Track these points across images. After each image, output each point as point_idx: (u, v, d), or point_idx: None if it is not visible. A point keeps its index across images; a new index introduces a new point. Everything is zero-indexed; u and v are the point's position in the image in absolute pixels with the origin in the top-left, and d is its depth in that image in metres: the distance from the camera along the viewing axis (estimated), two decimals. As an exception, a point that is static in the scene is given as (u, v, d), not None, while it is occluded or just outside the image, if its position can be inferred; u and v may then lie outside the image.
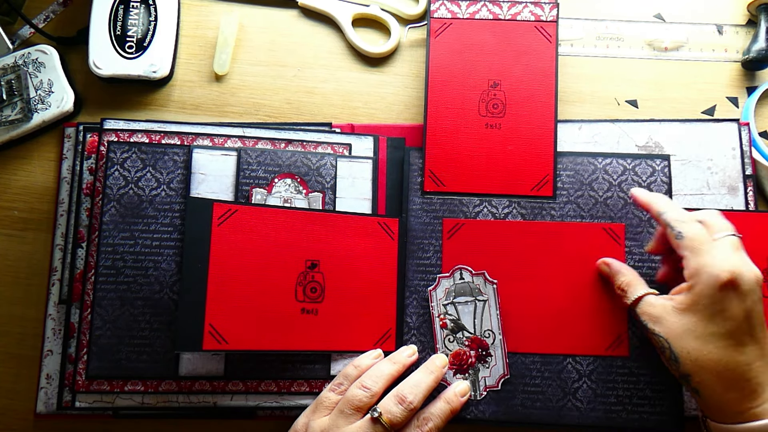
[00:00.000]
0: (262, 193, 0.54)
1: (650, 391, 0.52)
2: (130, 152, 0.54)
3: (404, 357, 0.51)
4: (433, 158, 0.55)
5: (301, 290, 0.51)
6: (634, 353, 0.52)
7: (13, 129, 0.58)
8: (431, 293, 0.54)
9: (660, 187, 0.55)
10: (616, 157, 0.56)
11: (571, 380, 0.52)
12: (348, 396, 0.48)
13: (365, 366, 0.50)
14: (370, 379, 0.48)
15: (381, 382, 0.48)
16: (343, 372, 0.50)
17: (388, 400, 0.47)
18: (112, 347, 0.51)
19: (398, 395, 0.47)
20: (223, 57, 0.61)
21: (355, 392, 0.48)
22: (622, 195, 0.55)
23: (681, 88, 0.61)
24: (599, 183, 0.55)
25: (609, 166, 0.55)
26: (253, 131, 0.56)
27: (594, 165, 0.56)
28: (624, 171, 0.55)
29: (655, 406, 0.51)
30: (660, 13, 0.63)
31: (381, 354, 0.52)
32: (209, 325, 0.49)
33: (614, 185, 0.55)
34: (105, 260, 0.52)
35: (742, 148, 0.56)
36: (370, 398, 0.47)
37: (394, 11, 0.62)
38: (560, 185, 0.55)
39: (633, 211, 0.55)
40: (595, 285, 0.53)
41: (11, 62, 0.59)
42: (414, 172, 0.56)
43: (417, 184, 0.55)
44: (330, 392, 0.49)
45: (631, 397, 0.52)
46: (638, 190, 0.52)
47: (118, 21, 0.60)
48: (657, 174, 0.55)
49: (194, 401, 0.52)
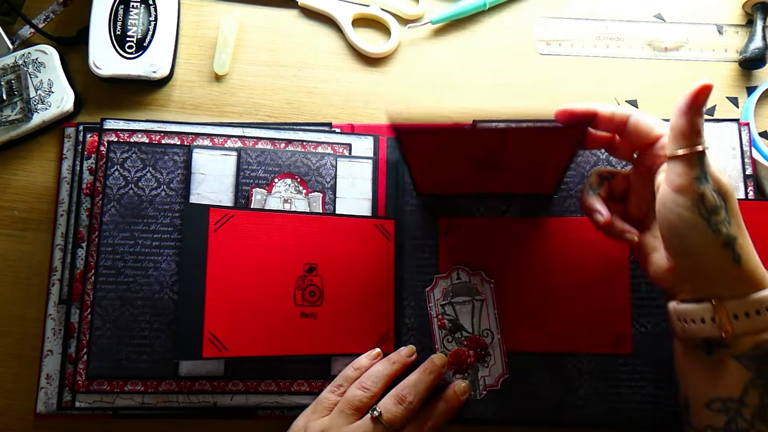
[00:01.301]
0: (262, 193, 0.54)
1: (653, 388, 0.52)
2: (130, 152, 0.54)
3: (403, 357, 0.51)
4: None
5: (299, 294, 0.51)
6: (637, 350, 0.52)
7: (13, 129, 0.58)
8: (429, 294, 0.54)
9: None
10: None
11: (572, 379, 0.52)
12: (348, 396, 0.48)
13: (364, 367, 0.50)
14: (369, 379, 0.49)
15: (380, 382, 0.49)
16: (343, 374, 0.50)
17: (388, 399, 0.48)
18: (112, 347, 0.51)
19: (398, 395, 0.48)
20: (223, 57, 0.61)
21: (355, 392, 0.48)
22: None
23: (681, 88, 0.60)
24: None
25: (612, 157, 0.54)
26: (253, 131, 0.56)
27: (596, 156, 0.55)
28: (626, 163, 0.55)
29: (658, 404, 0.51)
30: (660, 13, 0.63)
31: (380, 353, 0.52)
32: (209, 332, 0.49)
33: None
34: (105, 260, 0.52)
35: (742, 148, 0.56)
36: (369, 398, 0.48)
37: (394, 11, 0.62)
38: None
39: None
40: (597, 281, 0.53)
41: (11, 62, 0.59)
42: (408, 172, 0.56)
43: (412, 185, 0.55)
44: (329, 393, 0.49)
45: (634, 395, 0.51)
46: (569, 105, 0.45)
47: (118, 21, 0.60)
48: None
49: (194, 401, 0.52)
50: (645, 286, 0.53)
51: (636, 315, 0.53)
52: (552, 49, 0.62)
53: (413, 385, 0.48)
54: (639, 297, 0.53)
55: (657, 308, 0.53)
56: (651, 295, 0.53)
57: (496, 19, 0.63)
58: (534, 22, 0.63)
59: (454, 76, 0.61)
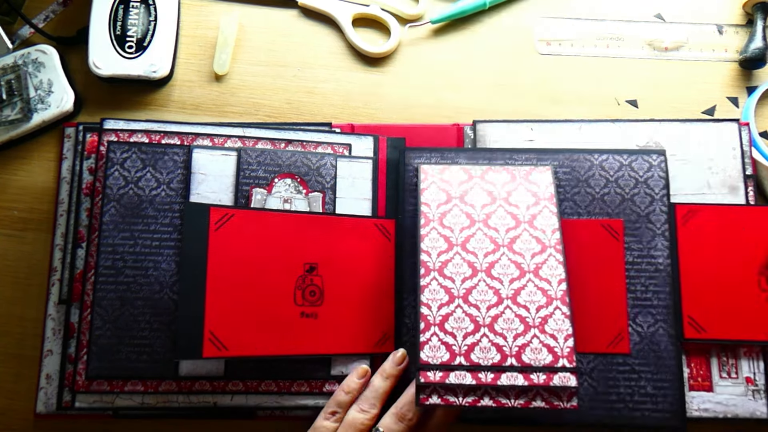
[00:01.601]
0: (262, 193, 0.54)
1: (652, 388, 0.52)
2: (130, 152, 0.54)
3: (395, 369, 0.51)
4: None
5: (300, 294, 0.51)
6: (635, 350, 0.52)
7: (13, 129, 0.58)
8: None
9: (657, 182, 0.55)
10: (613, 153, 0.55)
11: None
12: (348, 420, 0.48)
13: (355, 390, 0.50)
14: (367, 401, 0.49)
15: (378, 402, 0.49)
16: (334, 398, 0.50)
17: (389, 418, 0.48)
18: (112, 347, 0.51)
19: (398, 413, 0.48)
20: (223, 57, 0.61)
21: (356, 416, 0.48)
22: (620, 191, 0.55)
23: (681, 88, 0.61)
24: (596, 179, 0.55)
25: (605, 162, 0.55)
26: (253, 131, 0.56)
27: (590, 161, 0.55)
28: (620, 167, 0.55)
29: (657, 404, 0.51)
30: (660, 13, 0.63)
31: (367, 370, 0.52)
32: (209, 332, 0.49)
33: (611, 181, 0.55)
34: (105, 260, 0.52)
35: (743, 148, 0.56)
36: (371, 420, 0.48)
37: (394, 11, 0.62)
38: (556, 182, 0.55)
39: (631, 206, 0.55)
40: (595, 282, 0.53)
41: (11, 62, 0.59)
42: (410, 172, 0.56)
43: (413, 185, 0.55)
44: (325, 421, 0.49)
45: (633, 395, 0.52)
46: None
47: (118, 21, 0.60)
48: (654, 169, 0.55)
49: (194, 401, 0.52)
50: (641, 287, 0.53)
51: (633, 315, 0.53)
52: (552, 49, 0.62)
53: (411, 401, 0.49)
54: (635, 297, 0.53)
55: (653, 308, 0.53)
56: (647, 295, 0.53)
57: (496, 19, 0.63)
58: (534, 22, 0.63)
59: (454, 76, 0.61)
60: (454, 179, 0.54)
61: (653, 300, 0.53)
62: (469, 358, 0.48)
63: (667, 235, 0.54)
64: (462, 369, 0.48)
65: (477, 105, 0.60)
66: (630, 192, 0.55)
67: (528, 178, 0.53)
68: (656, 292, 0.53)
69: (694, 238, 0.54)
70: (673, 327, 0.53)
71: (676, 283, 0.53)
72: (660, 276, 0.53)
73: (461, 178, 0.54)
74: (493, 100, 0.61)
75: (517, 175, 0.54)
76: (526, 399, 0.48)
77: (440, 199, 0.53)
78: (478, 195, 0.53)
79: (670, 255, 0.54)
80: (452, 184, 0.53)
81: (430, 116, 0.60)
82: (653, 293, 0.53)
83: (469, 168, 0.54)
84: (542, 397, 0.48)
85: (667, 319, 0.53)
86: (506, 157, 0.56)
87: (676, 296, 0.53)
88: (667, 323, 0.53)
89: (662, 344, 0.52)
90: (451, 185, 0.53)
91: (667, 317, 0.53)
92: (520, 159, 0.56)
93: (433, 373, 0.48)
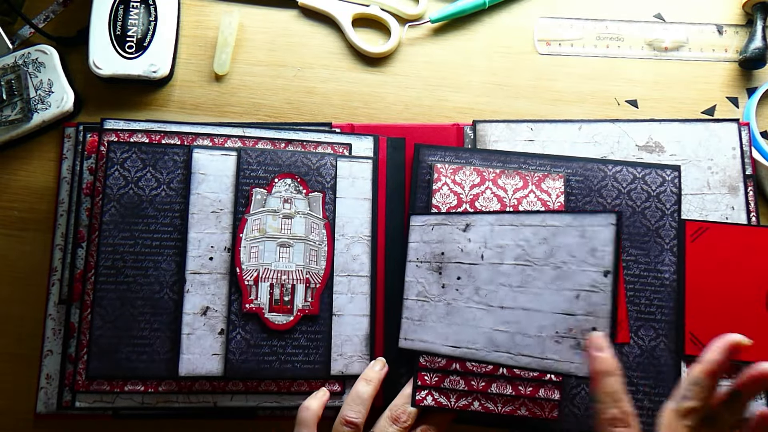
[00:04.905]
0: (262, 193, 0.54)
1: (648, 402, 0.52)
2: (130, 152, 0.54)
3: (378, 372, 0.51)
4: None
5: None
6: (634, 363, 0.52)
7: (13, 129, 0.58)
8: None
9: (669, 198, 0.55)
10: (627, 165, 0.55)
11: (569, 386, 0.52)
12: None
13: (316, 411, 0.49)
14: (352, 410, 0.48)
15: (363, 409, 0.49)
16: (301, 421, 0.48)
17: (384, 422, 0.49)
18: (112, 347, 0.51)
19: (391, 416, 0.49)
20: (223, 57, 0.61)
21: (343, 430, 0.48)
22: (631, 203, 0.54)
23: (681, 88, 0.61)
24: (608, 190, 0.55)
25: (619, 173, 0.55)
26: (253, 131, 0.56)
27: (604, 172, 0.55)
28: (634, 179, 0.55)
29: (652, 417, 0.51)
30: (660, 13, 0.63)
31: (326, 392, 0.51)
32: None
33: (623, 193, 0.55)
34: (105, 260, 0.52)
35: (743, 148, 0.56)
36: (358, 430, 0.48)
37: (394, 11, 0.62)
38: (569, 190, 0.55)
39: (641, 220, 0.54)
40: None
41: (11, 62, 0.59)
42: (423, 169, 0.55)
43: (425, 182, 0.55)
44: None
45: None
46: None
47: (118, 21, 0.60)
48: (667, 184, 0.55)
49: (194, 401, 0.52)
50: (645, 300, 0.53)
51: (635, 328, 0.53)
52: (552, 49, 0.62)
53: (406, 403, 0.49)
54: (639, 310, 0.53)
55: (656, 322, 0.53)
56: (650, 309, 0.53)
57: (496, 19, 0.63)
58: (534, 22, 0.63)
59: (454, 76, 0.61)
60: (466, 181, 0.54)
61: (657, 314, 0.53)
62: (464, 365, 0.50)
63: (675, 251, 0.54)
64: (457, 374, 0.50)
65: (477, 105, 0.60)
66: (641, 205, 0.55)
67: (540, 185, 0.54)
68: (660, 307, 0.53)
69: (703, 255, 0.54)
70: (674, 342, 0.53)
71: (680, 299, 0.53)
72: (665, 291, 0.53)
73: (474, 180, 0.54)
74: (493, 100, 0.61)
75: (530, 181, 0.54)
76: (512, 407, 0.50)
77: (450, 203, 0.53)
78: (487, 202, 0.53)
79: (676, 271, 0.53)
80: (464, 187, 0.54)
81: (430, 116, 0.60)
82: (657, 307, 0.53)
83: (482, 170, 0.54)
84: (527, 407, 0.50)
85: (669, 334, 0.53)
86: (520, 161, 0.55)
87: (680, 312, 0.53)
88: (669, 338, 0.53)
89: (662, 359, 0.52)
90: (463, 188, 0.54)
91: (669, 332, 0.53)
92: (534, 164, 0.55)
93: (430, 377, 0.50)
